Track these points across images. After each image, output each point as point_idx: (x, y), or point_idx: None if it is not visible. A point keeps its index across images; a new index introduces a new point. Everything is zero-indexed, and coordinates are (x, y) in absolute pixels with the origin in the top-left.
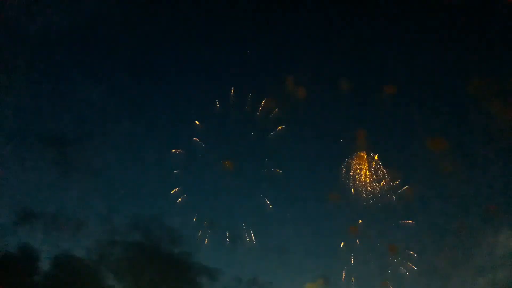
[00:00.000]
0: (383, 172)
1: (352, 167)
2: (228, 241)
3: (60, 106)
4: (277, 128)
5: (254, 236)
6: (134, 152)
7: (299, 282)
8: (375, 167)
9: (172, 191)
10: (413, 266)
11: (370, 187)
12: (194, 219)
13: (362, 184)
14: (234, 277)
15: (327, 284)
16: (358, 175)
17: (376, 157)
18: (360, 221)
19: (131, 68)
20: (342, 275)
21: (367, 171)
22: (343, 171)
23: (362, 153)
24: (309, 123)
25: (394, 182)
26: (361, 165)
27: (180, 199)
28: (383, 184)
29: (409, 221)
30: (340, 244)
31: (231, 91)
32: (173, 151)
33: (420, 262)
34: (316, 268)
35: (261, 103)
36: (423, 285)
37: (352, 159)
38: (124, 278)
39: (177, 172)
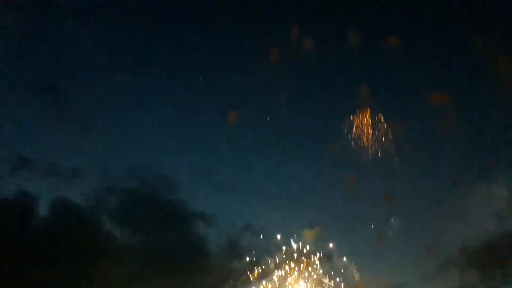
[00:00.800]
0: (384, 127)
1: (355, 123)
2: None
3: (54, 53)
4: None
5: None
6: (130, 100)
7: (293, 228)
8: (377, 123)
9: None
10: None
11: (371, 143)
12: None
13: (364, 139)
14: (229, 222)
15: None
16: (360, 130)
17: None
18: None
19: (127, 14)
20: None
21: (370, 127)
22: (346, 126)
23: (365, 111)
24: (313, 76)
25: (395, 137)
26: (364, 122)
27: None
28: (383, 139)
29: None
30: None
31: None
32: None
33: (415, 213)
34: (312, 216)
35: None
36: (416, 235)
37: (356, 114)
38: (121, 224)
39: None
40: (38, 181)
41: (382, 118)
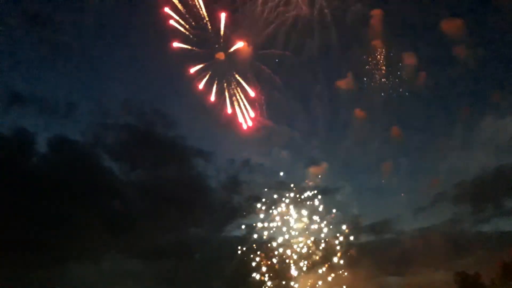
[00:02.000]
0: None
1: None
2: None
3: None
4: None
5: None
6: (125, 34)
7: (296, 166)
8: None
9: None
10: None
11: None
12: None
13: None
14: (227, 159)
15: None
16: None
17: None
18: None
19: None
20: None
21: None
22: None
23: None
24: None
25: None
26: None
27: None
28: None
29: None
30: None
31: None
32: None
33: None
34: (317, 153)
35: None
36: (417, 169)
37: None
38: (120, 159)
39: None
40: (34, 118)
41: (393, 48)
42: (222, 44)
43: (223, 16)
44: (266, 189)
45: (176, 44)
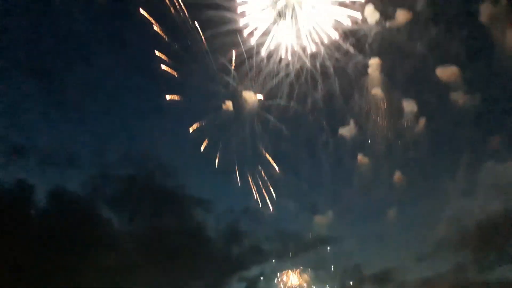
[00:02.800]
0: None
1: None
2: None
3: (48, 38)
4: None
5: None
6: (125, 86)
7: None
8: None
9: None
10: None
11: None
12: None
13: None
14: (227, 207)
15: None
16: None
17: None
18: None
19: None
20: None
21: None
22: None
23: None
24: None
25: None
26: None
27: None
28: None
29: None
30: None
31: None
32: None
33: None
34: (314, 200)
35: None
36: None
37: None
38: (119, 211)
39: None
40: (34, 170)
41: (393, 95)
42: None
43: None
44: (267, 239)
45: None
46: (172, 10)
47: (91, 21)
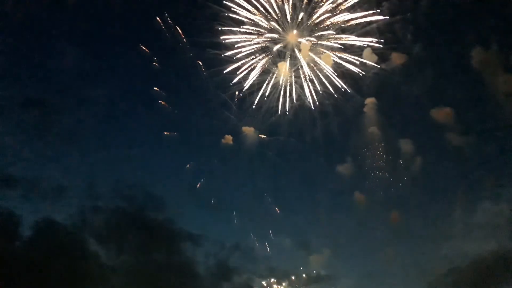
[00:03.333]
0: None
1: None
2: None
3: (38, 68)
4: None
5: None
6: (116, 118)
7: (280, 247)
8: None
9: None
10: None
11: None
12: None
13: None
14: (217, 242)
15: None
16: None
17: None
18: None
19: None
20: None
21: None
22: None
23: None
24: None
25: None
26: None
27: None
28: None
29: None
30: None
31: None
32: None
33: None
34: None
35: None
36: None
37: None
38: (107, 244)
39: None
40: (22, 200)
41: (389, 134)
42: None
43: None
44: (257, 277)
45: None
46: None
47: (86, 52)
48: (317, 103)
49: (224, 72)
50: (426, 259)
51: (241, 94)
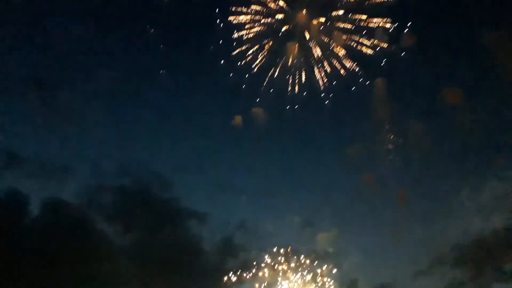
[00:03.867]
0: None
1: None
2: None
3: (43, 49)
4: None
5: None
6: (122, 97)
7: (286, 225)
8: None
9: None
10: None
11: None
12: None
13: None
14: (222, 221)
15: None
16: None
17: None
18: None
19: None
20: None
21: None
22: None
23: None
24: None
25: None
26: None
27: None
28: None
29: None
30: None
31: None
32: None
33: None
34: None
35: None
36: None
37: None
38: (113, 222)
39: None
40: (29, 179)
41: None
42: None
43: None
44: (263, 253)
45: None
46: None
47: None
48: (327, 84)
49: (233, 54)
50: (431, 237)
51: (250, 76)
